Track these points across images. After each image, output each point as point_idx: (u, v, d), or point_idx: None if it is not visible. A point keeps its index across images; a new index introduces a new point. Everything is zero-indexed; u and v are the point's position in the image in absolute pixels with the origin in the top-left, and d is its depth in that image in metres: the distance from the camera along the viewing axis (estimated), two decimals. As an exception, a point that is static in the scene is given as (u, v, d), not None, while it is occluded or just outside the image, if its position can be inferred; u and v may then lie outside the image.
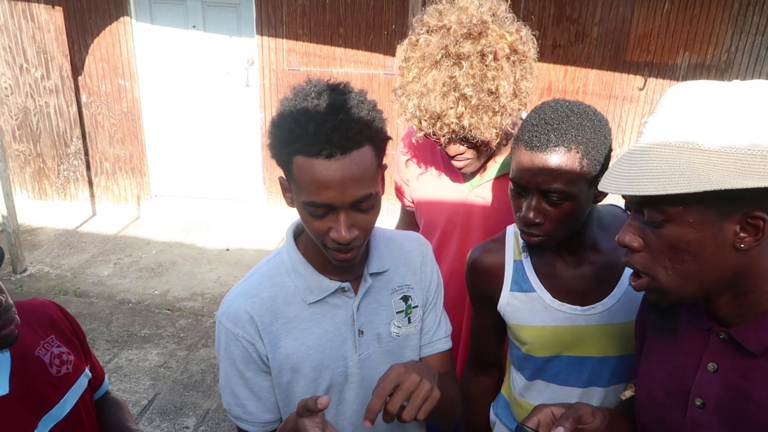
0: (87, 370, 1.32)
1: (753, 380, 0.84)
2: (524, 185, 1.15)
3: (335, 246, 1.03)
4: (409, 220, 1.79)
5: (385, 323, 1.21)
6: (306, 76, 4.76)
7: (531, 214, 1.15)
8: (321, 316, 1.15)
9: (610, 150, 1.16)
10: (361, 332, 1.17)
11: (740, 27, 4.31)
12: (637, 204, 0.86)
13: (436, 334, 1.29)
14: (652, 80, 4.55)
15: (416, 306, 1.25)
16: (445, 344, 1.30)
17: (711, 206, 0.78)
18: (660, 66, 4.50)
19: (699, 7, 4.31)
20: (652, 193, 0.77)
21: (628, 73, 4.57)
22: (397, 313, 1.22)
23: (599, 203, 1.24)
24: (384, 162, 1.10)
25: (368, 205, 1.01)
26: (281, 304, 1.14)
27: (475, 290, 1.41)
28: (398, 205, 1.89)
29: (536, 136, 1.12)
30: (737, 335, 0.85)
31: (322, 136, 0.94)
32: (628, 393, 1.06)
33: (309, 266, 1.15)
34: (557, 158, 1.10)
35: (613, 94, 4.65)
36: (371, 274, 1.18)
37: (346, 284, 1.15)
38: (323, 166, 0.95)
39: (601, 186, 0.84)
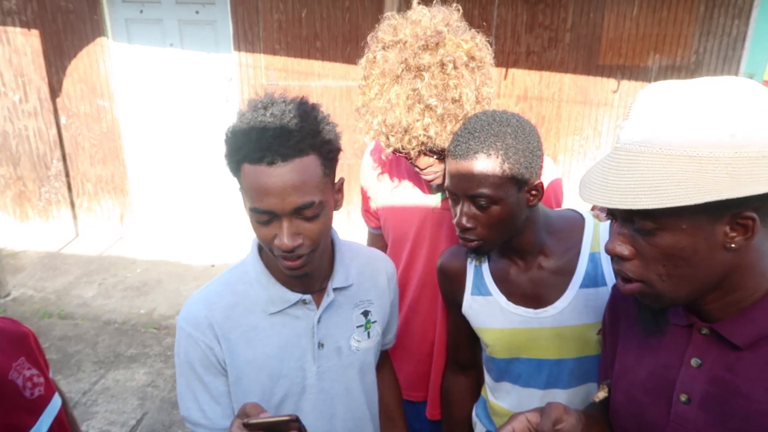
0: (57, 392, 1.29)
1: (739, 374, 0.85)
2: (454, 192, 1.20)
3: (281, 253, 1.05)
4: (377, 244, 1.78)
5: (345, 337, 1.23)
6: (284, 91, 4.81)
7: (463, 220, 1.19)
8: (281, 326, 1.17)
9: (539, 155, 1.20)
10: (321, 345, 1.19)
11: (707, 28, 4.41)
12: (627, 212, 0.83)
13: (390, 340, 1.46)
14: (624, 83, 4.63)
15: (375, 321, 1.28)
16: (392, 342, 1.48)
17: (703, 211, 0.77)
18: (632, 69, 4.59)
19: (667, 11, 4.42)
20: (651, 207, 0.75)
21: (602, 77, 4.65)
22: (357, 327, 1.25)
23: (554, 209, 1.27)
24: (342, 177, 1.13)
25: (312, 213, 1.02)
26: (241, 313, 1.16)
27: (444, 293, 1.46)
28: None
29: (459, 145, 1.17)
30: (722, 330, 0.86)
31: (263, 144, 0.97)
32: (601, 394, 1.05)
33: (271, 277, 1.17)
34: (478, 164, 1.15)
35: (587, 98, 4.73)
36: (335, 289, 1.20)
37: (308, 296, 1.17)
38: (265, 172, 0.98)
39: (587, 197, 0.82)
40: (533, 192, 1.20)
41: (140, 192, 5.39)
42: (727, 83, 0.78)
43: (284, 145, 0.97)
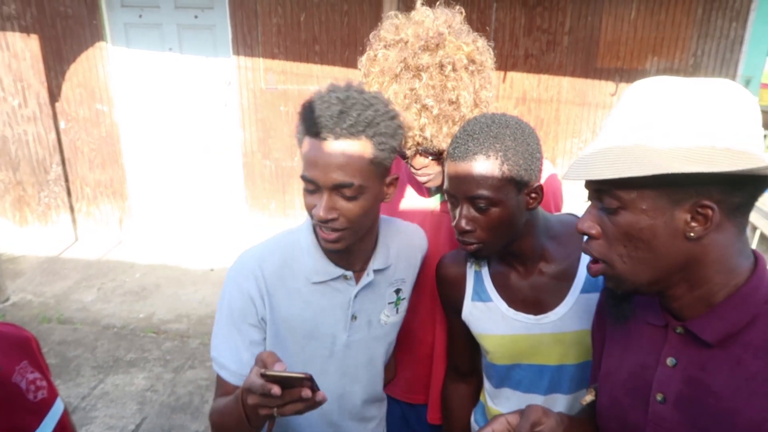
0: (60, 396, 1.31)
1: (710, 372, 0.86)
2: (453, 194, 1.20)
3: (317, 222, 1.14)
4: None
5: (377, 312, 1.33)
6: (283, 94, 4.81)
7: (462, 222, 1.18)
8: (320, 295, 1.26)
9: (538, 158, 1.20)
10: (354, 317, 1.29)
11: (705, 31, 4.43)
12: (596, 191, 0.89)
13: None
14: (623, 86, 4.64)
15: (404, 298, 1.37)
16: None
17: (663, 194, 0.81)
18: (630, 71, 4.60)
19: (665, 13, 4.43)
20: (607, 177, 0.81)
21: (600, 80, 4.66)
22: (389, 303, 1.34)
23: (554, 214, 1.26)
24: (397, 174, 1.22)
25: (351, 193, 1.10)
26: (288, 275, 1.25)
27: (443, 299, 1.45)
28: None
29: (458, 147, 1.17)
30: (692, 327, 0.87)
31: (322, 121, 1.08)
32: (588, 398, 1.07)
33: (320, 250, 1.25)
34: (477, 166, 1.15)
35: (586, 100, 4.74)
36: (375, 270, 1.29)
37: (349, 273, 1.26)
38: (316, 145, 1.09)
39: (564, 176, 0.88)
40: (533, 195, 1.20)
41: (139, 196, 5.39)
42: (710, 84, 0.82)
43: (339, 125, 1.07)
